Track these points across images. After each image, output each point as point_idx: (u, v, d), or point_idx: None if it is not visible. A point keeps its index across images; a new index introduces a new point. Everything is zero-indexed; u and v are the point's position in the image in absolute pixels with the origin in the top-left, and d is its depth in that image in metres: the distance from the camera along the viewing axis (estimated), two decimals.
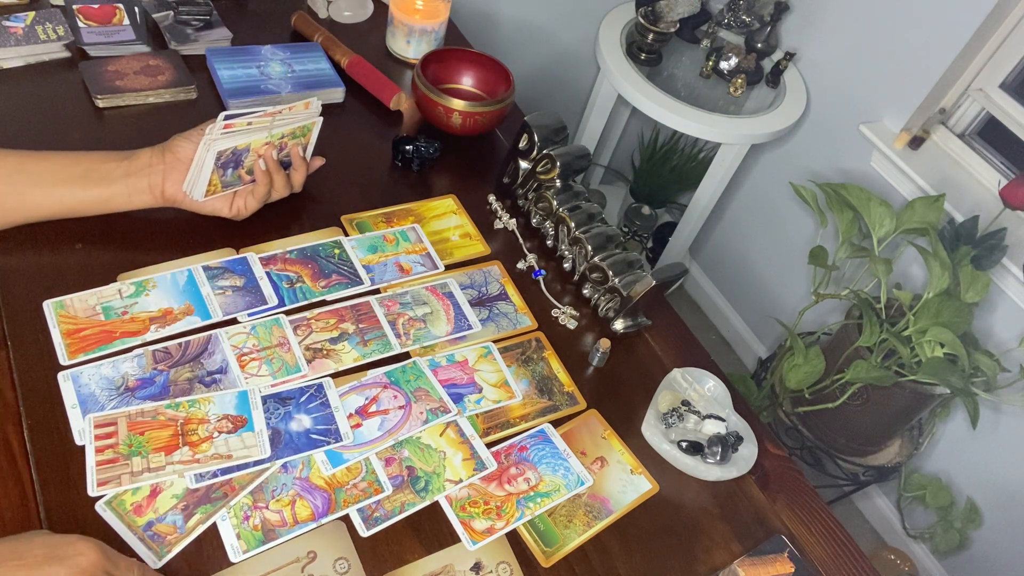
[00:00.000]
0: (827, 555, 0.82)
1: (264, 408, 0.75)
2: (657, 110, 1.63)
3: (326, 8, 1.28)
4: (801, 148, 1.94)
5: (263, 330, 0.82)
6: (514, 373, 0.87)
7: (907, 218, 1.47)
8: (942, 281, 1.40)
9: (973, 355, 1.43)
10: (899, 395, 1.50)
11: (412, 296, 0.91)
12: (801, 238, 1.99)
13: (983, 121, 1.65)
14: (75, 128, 0.97)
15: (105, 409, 0.72)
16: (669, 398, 0.88)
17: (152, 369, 0.76)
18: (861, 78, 1.74)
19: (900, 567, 1.80)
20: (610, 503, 0.79)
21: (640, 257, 0.96)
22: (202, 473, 0.70)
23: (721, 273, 2.32)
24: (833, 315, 1.90)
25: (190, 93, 1.06)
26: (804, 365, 1.55)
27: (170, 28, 1.12)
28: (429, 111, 1.10)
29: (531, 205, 1.04)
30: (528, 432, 0.82)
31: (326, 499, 0.71)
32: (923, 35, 1.59)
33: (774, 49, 1.84)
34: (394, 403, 0.80)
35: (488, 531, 0.73)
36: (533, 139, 1.00)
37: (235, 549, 0.67)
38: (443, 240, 0.99)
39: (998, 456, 1.67)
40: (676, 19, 1.72)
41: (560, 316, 0.95)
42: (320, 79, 1.13)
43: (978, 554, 1.76)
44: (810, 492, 0.87)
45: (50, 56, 1.04)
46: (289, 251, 0.91)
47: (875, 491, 1.96)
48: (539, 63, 2.01)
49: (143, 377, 0.75)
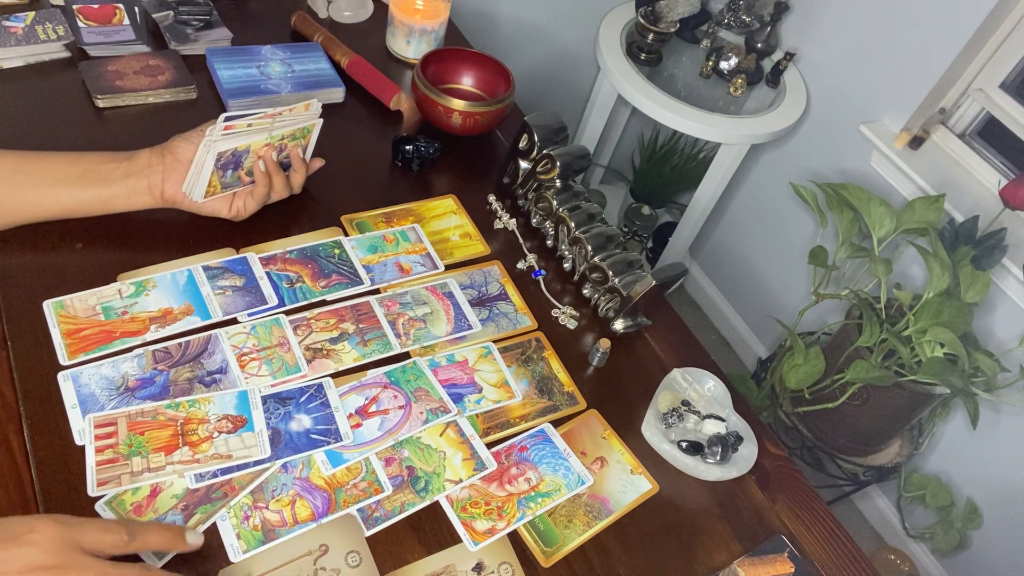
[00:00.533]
0: (827, 555, 0.82)
1: (264, 408, 0.75)
2: (657, 110, 1.63)
3: (326, 8, 1.28)
4: (801, 148, 1.94)
5: (263, 330, 0.82)
6: (514, 373, 0.87)
7: (907, 218, 1.47)
8: (942, 281, 1.40)
9: (973, 355, 1.43)
10: (899, 395, 1.50)
11: (412, 296, 0.91)
12: (801, 238, 1.99)
13: (983, 121, 1.65)
14: (75, 128, 0.97)
15: (105, 409, 0.72)
16: (669, 398, 0.88)
17: (152, 369, 0.76)
18: (861, 78, 1.74)
19: (900, 567, 1.80)
20: (610, 503, 0.79)
21: (640, 257, 0.96)
22: (202, 473, 0.70)
23: (721, 273, 2.32)
24: (833, 315, 1.90)
25: (190, 93, 1.06)
26: (804, 365, 1.55)
27: (170, 28, 1.12)
28: (429, 111, 1.10)
29: (531, 205, 1.04)
30: (528, 432, 0.82)
31: (326, 499, 0.71)
32: (923, 35, 1.59)
33: (774, 49, 1.84)
34: (394, 403, 0.80)
35: (489, 531, 0.73)
36: (533, 139, 1.00)
37: (235, 549, 0.67)
38: (443, 240, 0.99)
39: (998, 456, 1.67)
40: (676, 19, 1.72)
41: (560, 316, 0.95)
42: (320, 79, 1.13)
43: (978, 554, 1.76)
44: (810, 492, 0.87)
45: (50, 56, 1.04)
46: (289, 251, 0.91)
47: (875, 491, 1.96)
48: (539, 63, 2.01)
49: (143, 377, 0.75)
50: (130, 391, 0.74)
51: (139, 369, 0.75)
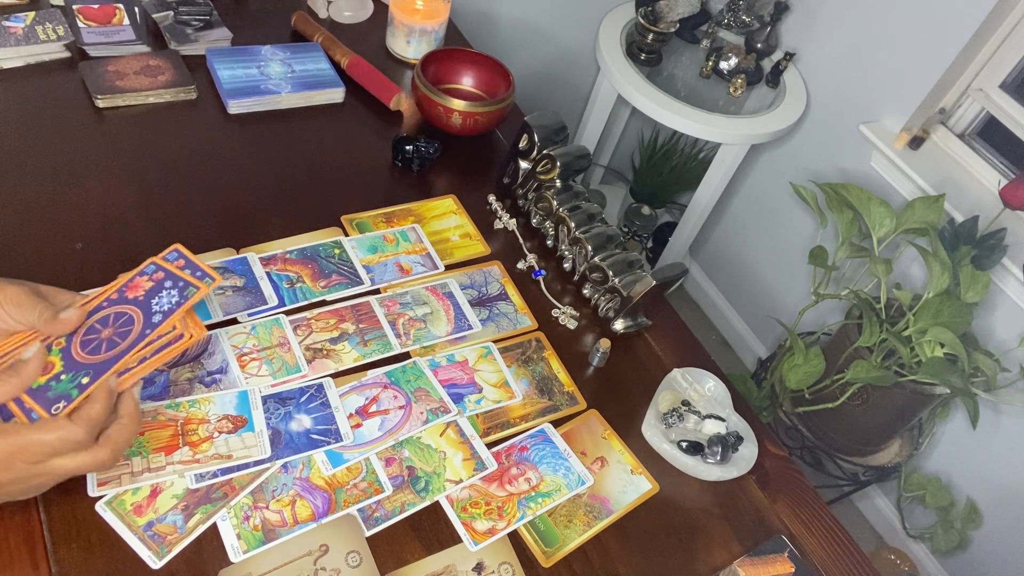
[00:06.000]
0: (827, 555, 0.82)
1: (264, 408, 0.75)
2: (657, 110, 1.63)
3: (326, 8, 1.28)
4: (801, 148, 1.94)
5: (263, 330, 0.82)
6: (514, 373, 0.87)
7: (907, 218, 1.47)
8: (942, 281, 1.40)
9: (973, 355, 1.43)
10: (899, 395, 1.50)
11: (412, 296, 0.91)
12: (801, 238, 1.99)
13: (983, 121, 1.65)
14: (75, 128, 0.97)
15: None
16: (669, 398, 0.88)
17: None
18: (861, 78, 1.74)
19: (900, 567, 1.80)
20: (610, 503, 0.79)
21: (640, 257, 0.96)
22: (202, 473, 0.70)
23: (721, 273, 2.32)
24: (833, 315, 1.90)
25: (190, 93, 1.06)
26: (804, 365, 1.55)
27: (170, 28, 1.12)
28: (429, 111, 1.10)
29: (531, 205, 1.04)
30: (528, 432, 0.82)
31: (326, 499, 0.71)
32: (923, 35, 1.59)
33: (774, 49, 1.84)
34: (394, 403, 0.80)
35: (490, 532, 0.73)
36: (533, 139, 1.00)
37: (235, 549, 0.67)
38: (443, 240, 0.99)
39: (998, 456, 1.67)
40: (676, 19, 1.72)
41: (560, 316, 0.95)
42: (320, 79, 1.13)
43: (978, 554, 1.76)
44: (810, 492, 0.87)
45: (50, 56, 1.04)
46: (289, 251, 0.91)
47: (875, 491, 1.96)
48: (539, 63, 2.01)
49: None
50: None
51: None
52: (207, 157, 1.00)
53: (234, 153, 1.02)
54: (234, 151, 1.02)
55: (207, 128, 1.04)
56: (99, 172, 0.93)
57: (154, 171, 0.96)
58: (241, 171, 0.99)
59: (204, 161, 0.99)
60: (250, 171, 1.00)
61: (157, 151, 0.98)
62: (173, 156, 0.98)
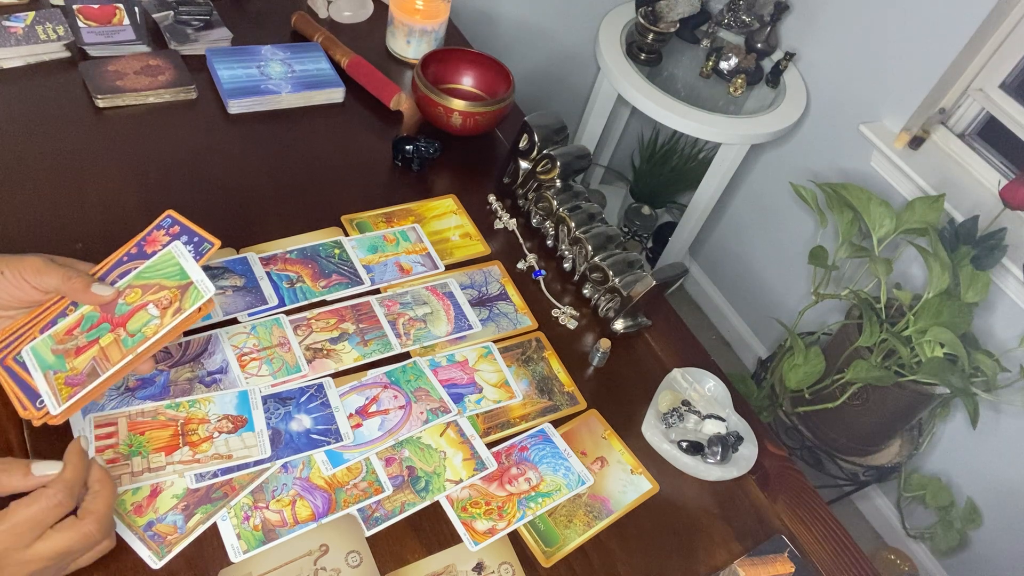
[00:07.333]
0: (827, 555, 0.82)
1: (264, 408, 0.75)
2: (657, 110, 1.63)
3: (326, 8, 1.28)
4: (801, 148, 1.94)
5: (263, 330, 0.82)
6: (514, 373, 0.87)
7: (907, 218, 1.47)
8: (942, 281, 1.40)
9: (973, 355, 1.43)
10: (899, 395, 1.50)
11: (412, 296, 0.91)
12: (801, 238, 1.99)
13: (983, 121, 1.66)
14: (75, 128, 0.97)
15: (105, 409, 0.72)
16: (669, 398, 0.88)
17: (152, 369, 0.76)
18: (861, 78, 1.74)
19: (900, 567, 1.80)
20: (610, 503, 0.79)
21: (640, 257, 0.96)
22: (202, 473, 0.70)
23: (721, 273, 2.32)
24: (833, 315, 1.90)
25: (190, 93, 1.06)
26: (804, 365, 1.55)
27: (170, 28, 1.12)
28: (429, 111, 1.10)
29: (531, 205, 1.04)
30: (528, 432, 0.82)
31: (326, 499, 0.71)
32: (923, 35, 1.59)
33: (774, 49, 1.84)
34: (394, 403, 0.80)
35: (490, 531, 0.73)
36: (533, 139, 1.00)
37: (235, 549, 0.67)
38: (443, 240, 0.99)
39: (998, 456, 1.67)
40: (676, 19, 1.73)
41: (560, 316, 0.95)
42: (320, 79, 1.13)
43: (978, 554, 1.76)
44: (810, 492, 0.87)
45: (50, 56, 1.04)
46: (289, 251, 0.91)
47: (875, 491, 1.96)
48: (539, 63, 2.01)
49: (143, 377, 0.75)
50: (130, 391, 0.74)
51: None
52: (207, 157, 1.00)
53: (234, 153, 1.02)
54: (234, 151, 1.02)
55: (207, 128, 1.04)
56: (99, 172, 0.93)
57: (154, 171, 0.96)
58: (241, 171, 0.99)
59: (204, 161, 0.99)
60: (250, 171, 1.00)
61: (157, 151, 0.98)
62: (173, 156, 0.98)
